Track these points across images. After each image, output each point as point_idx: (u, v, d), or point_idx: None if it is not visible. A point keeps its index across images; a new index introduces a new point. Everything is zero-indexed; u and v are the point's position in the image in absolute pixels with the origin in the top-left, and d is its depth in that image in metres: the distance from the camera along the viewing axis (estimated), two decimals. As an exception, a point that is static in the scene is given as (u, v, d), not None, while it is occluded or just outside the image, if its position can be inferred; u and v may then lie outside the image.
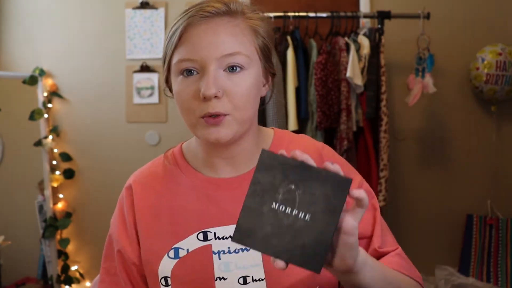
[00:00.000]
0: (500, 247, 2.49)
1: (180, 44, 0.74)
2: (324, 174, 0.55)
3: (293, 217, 0.55)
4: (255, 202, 0.56)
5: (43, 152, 2.78)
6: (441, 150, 2.66)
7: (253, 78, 0.75)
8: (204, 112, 0.72)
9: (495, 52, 2.39)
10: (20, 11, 2.87)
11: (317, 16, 2.32)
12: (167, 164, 0.86)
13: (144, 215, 0.82)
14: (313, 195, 0.55)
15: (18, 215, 2.83)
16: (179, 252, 0.78)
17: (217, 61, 0.72)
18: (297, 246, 0.55)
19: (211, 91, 0.70)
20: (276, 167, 0.56)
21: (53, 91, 2.83)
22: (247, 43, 0.75)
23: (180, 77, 0.75)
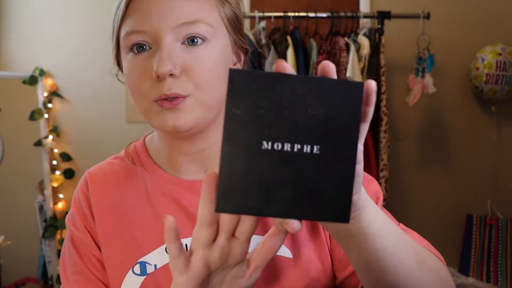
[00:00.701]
0: (500, 247, 2.49)
1: (128, 14, 0.62)
2: (324, 82, 0.39)
3: (296, 153, 0.39)
4: (236, 148, 0.39)
5: (43, 152, 2.78)
6: (441, 150, 2.66)
7: (218, 52, 0.62)
8: (158, 94, 0.59)
9: (495, 52, 2.39)
10: (20, 11, 2.88)
11: (317, 16, 2.32)
12: (129, 163, 0.72)
13: (102, 215, 0.68)
14: (315, 117, 0.39)
15: (18, 215, 2.83)
16: (146, 268, 0.65)
17: (173, 32, 0.59)
18: (311, 192, 0.40)
19: (165, 67, 0.57)
20: (257, 88, 0.39)
21: (53, 91, 2.83)
22: (210, 10, 0.62)
23: (130, 54, 0.62)
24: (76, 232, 0.70)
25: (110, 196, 0.70)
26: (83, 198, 0.70)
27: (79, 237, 0.69)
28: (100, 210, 0.69)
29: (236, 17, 0.66)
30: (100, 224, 0.68)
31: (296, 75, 0.40)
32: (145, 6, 0.61)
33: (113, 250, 0.67)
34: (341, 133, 0.40)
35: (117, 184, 0.71)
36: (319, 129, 0.39)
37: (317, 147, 0.39)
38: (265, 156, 0.39)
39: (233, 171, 0.39)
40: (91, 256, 0.68)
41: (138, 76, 0.61)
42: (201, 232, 0.45)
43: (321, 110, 0.39)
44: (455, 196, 2.65)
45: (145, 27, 0.60)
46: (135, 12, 0.61)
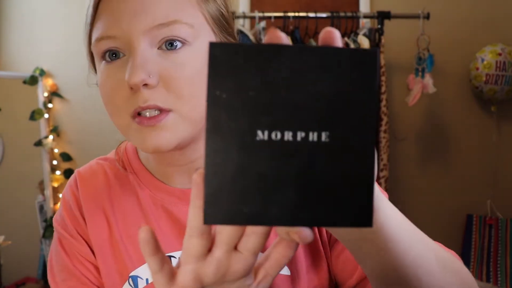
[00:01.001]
0: (499, 247, 2.49)
1: (97, 18, 0.55)
2: (329, 52, 0.31)
3: (299, 143, 0.31)
4: (224, 141, 0.31)
5: (44, 152, 2.78)
6: (441, 150, 2.66)
7: (201, 56, 0.53)
8: (134, 107, 0.52)
9: (495, 52, 2.39)
10: (20, 11, 2.88)
11: (317, 16, 2.32)
12: (119, 168, 0.66)
13: (93, 221, 0.63)
14: (321, 95, 0.31)
15: (18, 215, 2.84)
16: (138, 283, 0.60)
17: (147, 35, 0.51)
18: (321, 191, 0.31)
19: (138, 76, 0.50)
20: (245, 65, 0.31)
21: (53, 91, 2.83)
22: (190, 8, 0.54)
23: (103, 62, 0.55)
24: (66, 235, 0.63)
25: (100, 201, 0.64)
26: (73, 199, 0.65)
27: (70, 241, 0.63)
28: (90, 215, 0.63)
29: (222, 15, 0.58)
30: (91, 230, 0.62)
31: (294, 45, 0.31)
32: (114, 7, 0.53)
33: (106, 260, 0.62)
34: (356, 114, 0.31)
35: (108, 189, 0.64)
36: (327, 110, 0.31)
37: (326, 134, 0.31)
38: (261, 149, 0.31)
39: (222, 170, 0.31)
40: (85, 262, 0.63)
41: (111, 88, 0.54)
42: (191, 244, 0.36)
43: (328, 87, 0.31)
44: (455, 196, 2.65)
45: (115, 31, 0.52)
46: (105, 14, 0.53)
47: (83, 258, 0.63)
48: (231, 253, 0.36)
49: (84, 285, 0.62)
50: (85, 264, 0.63)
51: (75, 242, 0.63)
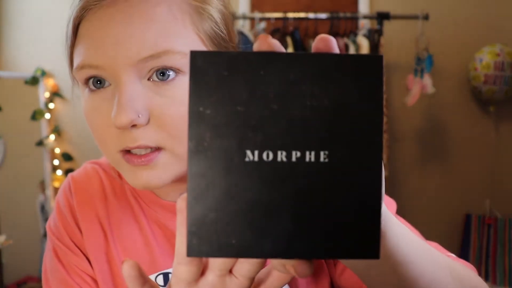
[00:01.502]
0: (498, 247, 2.50)
1: (77, 42, 0.49)
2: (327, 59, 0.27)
3: (295, 164, 0.27)
4: (209, 163, 0.27)
5: (45, 152, 2.79)
6: (440, 150, 2.67)
7: None
8: (122, 146, 0.47)
9: (493, 52, 2.40)
10: (21, 11, 2.89)
11: (317, 17, 2.33)
12: (114, 176, 0.61)
13: (89, 232, 0.58)
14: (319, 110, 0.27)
15: (19, 215, 2.84)
16: None
17: (134, 68, 0.45)
18: (320, 219, 0.27)
19: (125, 117, 0.44)
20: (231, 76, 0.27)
21: (55, 92, 2.84)
22: (183, 33, 0.46)
23: (87, 90, 0.49)
24: (61, 246, 0.59)
25: (95, 210, 0.59)
26: (67, 207, 0.60)
27: (65, 252, 0.59)
28: (86, 224, 0.58)
29: (220, 33, 0.51)
30: (87, 240, 0.58)
31: (287, 52, 0.27)
32: (96, 33, 0.46)
33: (103, 273, 0.57)
34: (359, 130, 0.27)
35: (103, 198, 0.60)
36: (325, 126, 0.27)
37: (325, 154, 0.27)
38: (250, 172, 0.27)
39: (206, 196, 0.27)
40: (83, 275, 0.58)
41: (98, 123, 0.49)
42: (180, 271, 0.33)
43: (326, 100, 0.27)
44: (454, 196, 2.66)
45: (98, 60, 0.46)
46: (86, 39, 0.47)
47: (80, 270, 0.58)
48: (225, 277, 0.34)
49: None
50: (82, 277, 0.58)
51: (71, 254, 0.58)
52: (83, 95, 0.50)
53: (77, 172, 0.63)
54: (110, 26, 0.45)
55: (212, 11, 0.50)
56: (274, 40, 0.28)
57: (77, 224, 0.59)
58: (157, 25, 0.45)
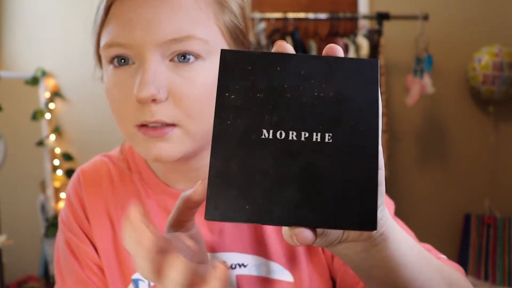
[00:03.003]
0: (498, 246, 2.51)
1: (108, 21, 0.53)
2: (331, 61, 0.33)
3: (303, 143, 0.32)
4: (230, 138, 0.32)
5: (45, 152, 2.80)
6: (440, 150, 2.68)
7: (214, 72, 0.52)
8: (140, 120, 0.51)
9: (492, 52, 2.41)
10: (22, 11, 2.89)
11: (317, 18, 2.34)
12: (124, 168, 0.64)
13: (97, 222, 0.61)
14: (325, 98, 0.33)
15: (20, 215, 2.85)
16: (139, 285, 0.59)
17: (160, 48, 0.50)
18: (324, 191, 0.32)
19: (147, 92, 0.48)
20: (253, 70, 0.33)
21: (55, 92, 2.85)
22: (206, 21, 0.51)
23: (111, 66, 0.53)
24: (73, 237, 0.62)
25: (104, 200, 0.62)
26: (77, 199, 0.63)
27: (77, 244, 0.62)
28: (94, 215, 0.62)
29: (238, 26, 0.56)
30: (95, 231, 0.61)
31: (299, 54, 0.33)
32: (127, 14, 0.50)
33: (109, 263, 0.60)
34: (358, 117, 0.33)
35: (111, 189, 0.63)
36: (330, 112, 0.33)
37: (329, 135, 0.32)
38: (265, 148, 0.32)
39: (226, 167, 0.32)
40: (91, 264, 0.61)
41: (118, 97, 0.52)
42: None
43: (331, 91, 0.33)
44: (453, 195, 2.67)
45: (126, 40, 0.50)
46: (116, 20, 0.51)
47: (90, 261, 0.61)
48: None
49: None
50: (92, 269, 0.61)
51: (82, 245, 0.61)
52: (106, 72, 0.54)
53: (86, 165, 0.67)
54: (142, 9, 0.49)
55: (232, 5, 0.55)
56: (288, 45, 0.35)
57: (86, 216, 0.62)
58: (183, 13, 0.50)
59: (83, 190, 0.63)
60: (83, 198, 0.62)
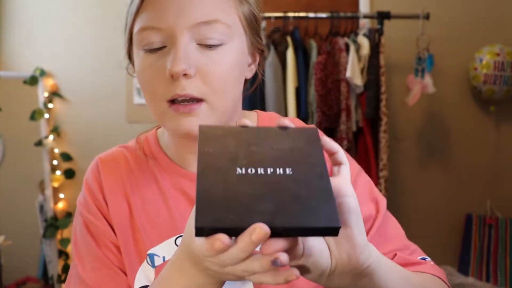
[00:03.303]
0: (499, 247, 2.50)
1: (143, 9, 0.59)
2: (282, 129, 0.45)
3: (270, 175, 0.41)
4: (212, 175, 0.41)
5: (44, 152, 2.78)
6: (441, 150, 2.67)
7: (235, 54, 0.60)
8: (172, 94, 0.58)
9: (493, 52, 2.40)
10: (21, 11, 2.88)
11: (317, 17, 2.33)
12: (140, 154, 0.71)
13: (115, 203, 0.67)
14: (282, 150, 0.43)
15: (18, 215, 2.84)
16: (155, 260, 0.64)
17: (189, 31, 0.57)
18: (293, 203, 0.40)
19: (180, 66, 0.55)
20: (225, 136, 0.43)
21: (54, 91, 2.83)
22: (228, 9, 0.60)
23: (142, 51, 0.60)
24: (91, 217, 0.67)
25: (121, 183, 0.68)
26: (95, 183, 0.69)
27: (95, 224, 0.67)
28: (112, 197, 0.67)
29: (254, 16, 0.64)
30: (113, 211, 0.67)
31: (257, 127, 0.45)
32: (161, 1, 0.58)
33: (126, 239, 0.66)
34: (309, 159, 0.43)
35: (128, 173, 0.69)
36: (287, 157, 0.43)
37: (290, 169, 0.42)
38: (241, 178, 0.41)
39: (211, 191, 0.40)
40: (108, 243, 0.66)
41: (151, 76, 0.59)
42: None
43: (285, 145, 0.43)
44: (455, 196, 2.66)
45: (160, 23, 0.57)
46: (151, 6, 0.58)
47: (107, 240, 0.66)
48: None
49: (109, 269, 0.65)
50: (109, 246, 0.66)
51: (99, 224, 0.66)
52: (138, 57, 0.61)
53: (103, 154, 0.73)
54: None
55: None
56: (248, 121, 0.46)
57: (104, 198, 0.67)
58: (210, 1, 0.58)
59: (102, 175, 0.69)
60: (102, 182, 0.68)
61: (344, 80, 2.27)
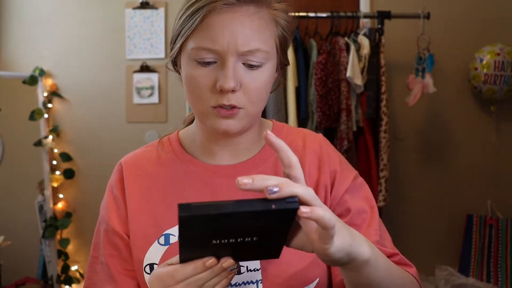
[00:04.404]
0: (500, 247, 2.49)
1: (200, 29, 0.70)
2: (261, 211, 0.48)
3: (240, 241, 0.52)
4: (191, 245, 0.53)
5: (43, 152, 2.78)
6: (441, 150, 2.66)
7: (269, 72, 0.74)
8: (219, 103, 0.70)
9: (493, 52, 2.39)
10: (20, 11, 2.88)
11: (317, 16, 2.32)
12: (160, 151, 0.83)
13: (134, 195, 0.80)
14: (255, 229, 0.51)
15: (18, 215, 2.83)
16: (170, 239, 0.76)
17: (237, 55, 0.69)
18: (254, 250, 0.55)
19: (230, 84, 0.68)
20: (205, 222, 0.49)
21: (53, 91, 2.83)
22: (269, 38, 0.73)
23: (195, 63, 0.72)
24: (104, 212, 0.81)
25: (143, 178, 0.80)
26: (118, 184, 0.81)
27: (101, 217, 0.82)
28: (132, 191, 0.79)
29: (285, 39, 0.76)
30: (131, 203, 0.79)
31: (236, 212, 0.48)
32: (218, 27, 0.69)
33: (142, 225, 0.77)
34: (273, 230, 0.52)
35: (149, 168, 0.81)
36: (258, 231, 0.51)
37: (255, 238, 0.52)
38: (215, 246, 0.52)
39: (191, 255, 0.54)
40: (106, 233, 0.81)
41: (201, 85, 0.71)
42: None
43: (259, 225, 0.50)
44: (455, 196, 2.65)
45: (216, 46, 0.69)
46: (208, 30, 0.69)
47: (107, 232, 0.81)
48: None
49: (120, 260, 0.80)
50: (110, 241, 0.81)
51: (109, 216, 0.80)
52: (189, 65, 0.72)
53: (126, 157, 0.85)
54: (229, 25, 0.69)
55: (282, 22, 0.75)
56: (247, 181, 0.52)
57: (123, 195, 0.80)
58: (257, 32, 0.70)
59: (125, 173, 0.81)
60: (124, 180, 0.81)
61: (344, 80, 2.26)
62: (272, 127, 0.85)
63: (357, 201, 0.79)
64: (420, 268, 0.94)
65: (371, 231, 0.76)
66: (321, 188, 0.78)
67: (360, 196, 0.80)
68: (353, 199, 0.78)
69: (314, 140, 0.83)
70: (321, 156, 0.81)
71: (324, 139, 0.85)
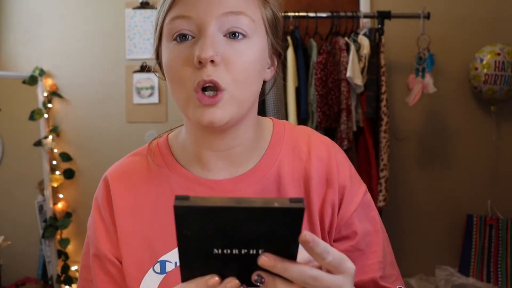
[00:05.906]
0: (500, 247, 2.49)
1: (175, 5, 0.63)
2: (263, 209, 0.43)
3: (244, 254, 0.46)
4: (191, 256, 0.47)
5: (43, 152, 2.78)
6: (441, 150, 2.66)
7: (257, 49, 0.64)
8: (198, 79, 0.60)
9: (493, 52, 2.39)
10: (20, 11, 2.87)
11: (317, 16, 2.32)
12: (150, 161, 0.72)
13: (123, 214, 0.70)
14: (259, 233, 0.45)
15: (18, 215, 2.83)
16: (166, 266, 0.66)
17: (217, 21, 0.61)
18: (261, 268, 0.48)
19: (208, 53, 0.59)
20: (202, 218, 0.44)
21: (53, 91, 2.83)
22: (254, 7, 0.64)
23: (173, 43, 0.63)
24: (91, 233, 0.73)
25: (132, 195, 0.71)
26: (105, 202, 0.72)
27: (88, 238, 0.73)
28: (121, 210, 0.70)
29: (275, 19, 0.68)
30: (121, 224, 0.69)
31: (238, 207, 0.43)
32: None
33: (134, 249, 0.68)
34: (283, 241, 0.46)
35: (140, 183, 0.71)
36: (262, 239, 0.45)
37: (262, 250, 0.46)
38: (217, 258, 0.46)
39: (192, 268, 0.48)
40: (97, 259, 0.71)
41: (179, 63, 0.62)
42: None
43: (263, 228, 0.44)
44: (455, 196, 2.65)
45: (191, 13, 0.61)
46: (183, 2, 0.63)
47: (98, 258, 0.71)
48: None
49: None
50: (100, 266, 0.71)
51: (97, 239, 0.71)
52: (168, 48, 0.64)
53: (111, 169, 0.75)
54: None
55: (271, 3, 0.67)
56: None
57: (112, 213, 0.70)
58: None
59: (112, 189, 0.71)
60: (111, 197, 0.71)
61: (344, 80, 2.26)
62: (272, 127, 0.75)
63: (365, 223, 0.71)
64: (420, 268, 0.94)
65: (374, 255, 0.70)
66: (327, 206, 0.69)
67: (368, 218, 0.72)
68: (361, 221, 0.71)
69: (320, 145, 0.72)
70: (329, 166, 0.71)
71: (332, 143, 0.75)
